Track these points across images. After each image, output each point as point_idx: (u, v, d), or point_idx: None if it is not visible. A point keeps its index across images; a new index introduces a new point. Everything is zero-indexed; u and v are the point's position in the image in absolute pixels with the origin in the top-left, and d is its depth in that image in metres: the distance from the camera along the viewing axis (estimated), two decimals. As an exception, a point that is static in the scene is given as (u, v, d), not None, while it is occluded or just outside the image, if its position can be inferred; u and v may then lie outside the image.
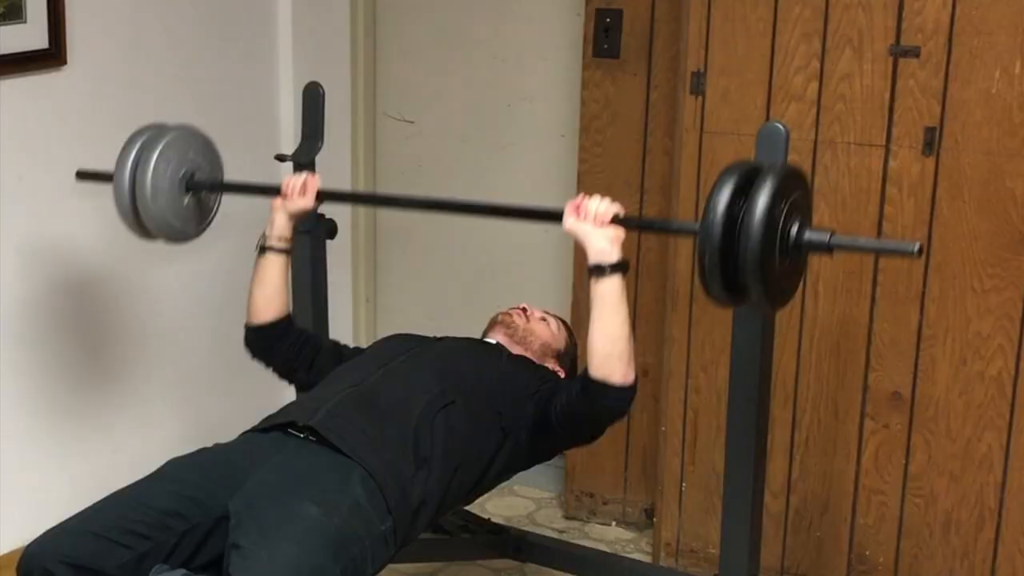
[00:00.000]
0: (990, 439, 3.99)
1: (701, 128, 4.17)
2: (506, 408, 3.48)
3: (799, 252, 3.04)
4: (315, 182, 3.75)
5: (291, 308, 3.88)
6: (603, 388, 3.34)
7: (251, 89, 4.68)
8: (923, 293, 3.98)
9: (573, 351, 3.99)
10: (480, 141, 5.04)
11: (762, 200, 2.91)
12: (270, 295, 3.78)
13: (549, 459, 3.77)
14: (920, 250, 3.02)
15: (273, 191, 3.76)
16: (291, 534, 2.98)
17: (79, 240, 4.29)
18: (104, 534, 3.08)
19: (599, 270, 3.29)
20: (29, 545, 3.11)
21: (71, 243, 4.34)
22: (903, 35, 3.87)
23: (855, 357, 4.11)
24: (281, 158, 4.16)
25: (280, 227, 3.75)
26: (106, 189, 3.68)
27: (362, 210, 5.28)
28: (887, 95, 3.92)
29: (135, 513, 3.15)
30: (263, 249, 3.77)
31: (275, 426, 3.40)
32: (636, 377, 3.42)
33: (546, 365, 3.81)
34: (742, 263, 2.95)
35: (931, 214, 3.92)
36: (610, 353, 3.34)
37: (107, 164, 4.33)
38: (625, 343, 3.36)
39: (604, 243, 3.29)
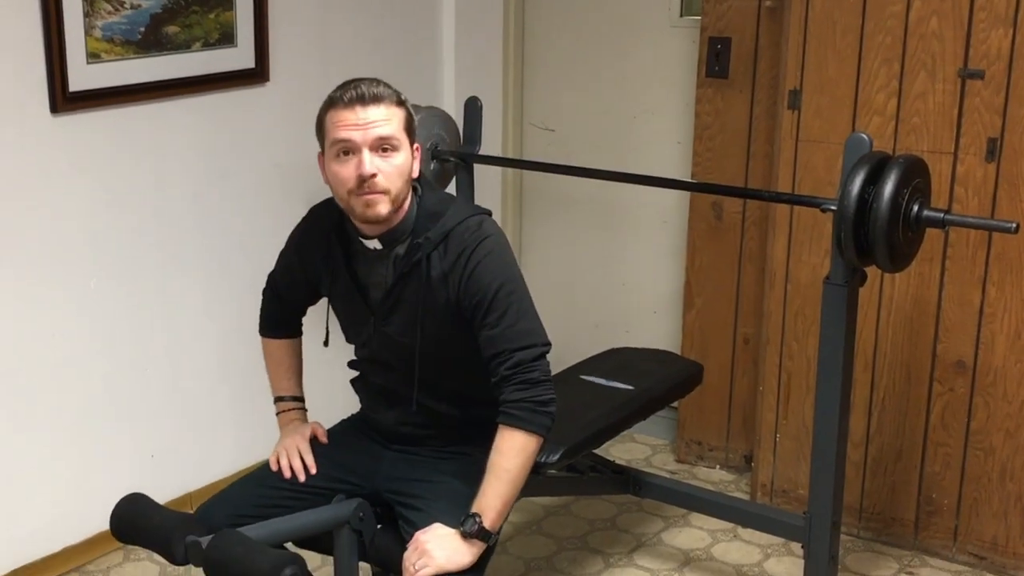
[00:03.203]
0: (1041, 401, 3.97)
1: (797, 137, 4.16)
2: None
3: (919, 226, 3.29)
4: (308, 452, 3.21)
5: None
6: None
7: (419, 101, 4.71)
8: (984, 277, 3.96)
9: (408, 121, 2.99)
10: (610, 147, 5.05)
11: (889, 187, 3.16)
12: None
13: None
14: (1017, 228, 3.25)
15: None
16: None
17: (266, 221, 4.37)
18: (260, 503, 3.09)
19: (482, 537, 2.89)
20: (198, 509, 3.15)
21: (259, 225, 4.43)
22: (970, 60, 3.84)
23: (925, 331, 4.09)
24: (444, 159, 4.20)
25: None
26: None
27: (511, 191, 5.37)
28: (956, 111, 3.89)
29: (289, 485, 3.15)
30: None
31: None
32: (542, 426, 2.95)
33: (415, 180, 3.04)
34: (871, 236, 3.21)
35: (992, 211, 3.89)
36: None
37: (303, 162, 4.42)
38: (524, 470, 2.96)
39: (460, 558, 2.86)
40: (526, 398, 2.92)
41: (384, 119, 2.92)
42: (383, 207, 2.93)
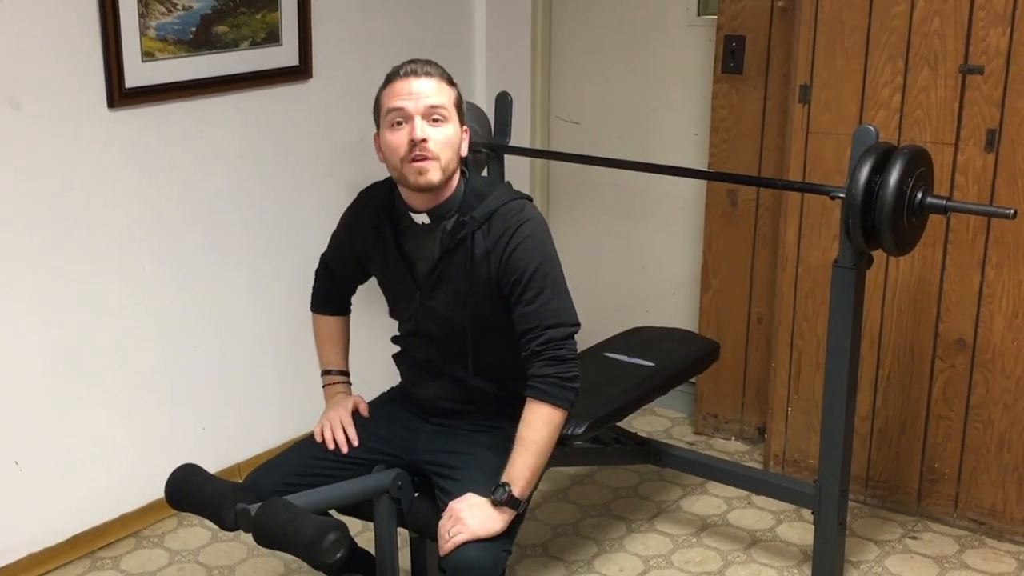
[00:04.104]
0: (1036, 377, 3.97)
1: (807, 129, 4.15)
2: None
3: (922, 213, 3.30)
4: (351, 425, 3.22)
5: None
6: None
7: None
8: (984, 261, 3.95)
9: (458, 101, 3.04)
10: (632, 138, 5.04)
11: (894, 175, 3.18)
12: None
13: None
14: (1015, 214, 3.29)
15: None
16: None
17: (308, 209, 4.39)
18: (305, 472, 3.10)
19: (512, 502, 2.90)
20: (247, 477, 3.16)
21: (301, 213, 4.44)
22: (970, 56, 3.82)
23: (928, 310, 4.08)
24: (476, 150, 4.20)
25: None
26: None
27: (539, 180, 5.36)
28: (957, 104, 3.88)
29: (332, 456, 3.16)
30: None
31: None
32: (567, 400, 2.97)
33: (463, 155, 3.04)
34: (878, 222, 3.22)
35: (991, 198, 3.88)
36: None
37: (344, 153, 4.43)
38: (551, 442, 2.97)
39: (491, 524, 2.87)
40: (553, 374, 2.93)
41: (435, 92, 2.95)
42: (434, 174, 2.93)
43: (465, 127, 3.05)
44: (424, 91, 2.94)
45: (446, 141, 2.94)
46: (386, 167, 3.04)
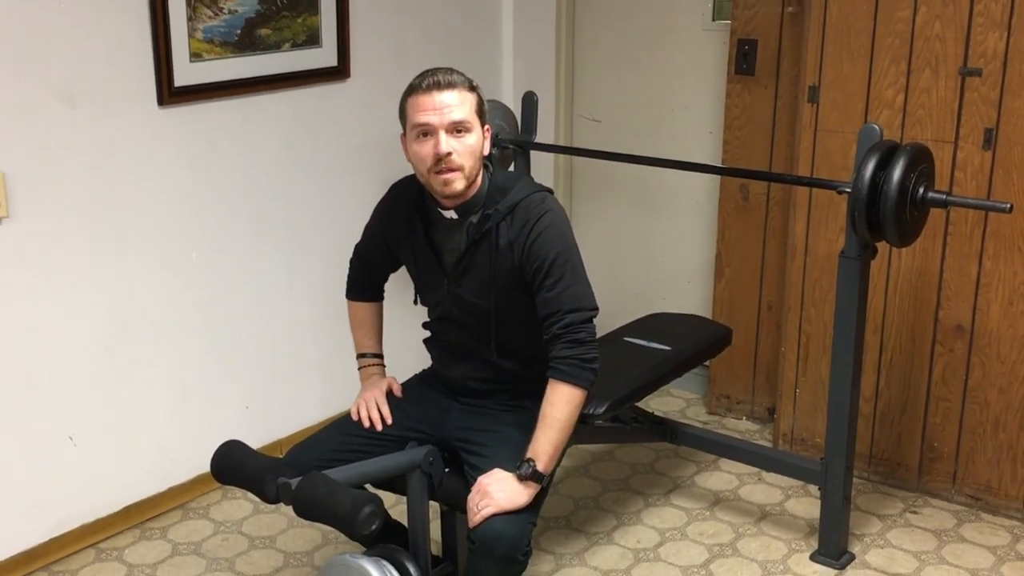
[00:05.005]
0: (1031, 362, 3.96)
1: (815, 128, 4.14)
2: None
3: (924, 206, 3.33)
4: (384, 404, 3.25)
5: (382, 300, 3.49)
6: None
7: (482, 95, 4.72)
8: (981, 251, 3.94)
9: (479, 105, 3.04)
10: (650, 136, 5.04)
11: (897, 171, 3.21)
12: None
13: None
14: (1011, 208, 3.32)
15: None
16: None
17: (345, 201, 4.38)
18: (342, 449, 3.12)
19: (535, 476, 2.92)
20: (288, 453, 3.19)
21: (338, 204, 4.44)
22: (970, 59, 3.82)
23: (928, 298, 4.08)
24: (504, 146, 4.21)
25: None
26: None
27: (562, 174, 5.36)
28: (956, 104, 3.87)
29: (367, 434, 3.19)
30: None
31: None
32: (587, 380, 3.00)
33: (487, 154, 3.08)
34: (882, 215, 3.24)
35: (988, 193, 3.87)
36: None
37: (379, 149, 4.44)
38: (572, 419, 2.99)
39: (517, 498, 2.90)
40: (573, 355, 2.95)
41: (458, 104, 2.95)
42: (459, 183, 2.97)
43: (487, 126, 3.06)
44: (448, 104, 2.94)
45: (469, 151, 2.97)
46: (412, 169, 3.08)
